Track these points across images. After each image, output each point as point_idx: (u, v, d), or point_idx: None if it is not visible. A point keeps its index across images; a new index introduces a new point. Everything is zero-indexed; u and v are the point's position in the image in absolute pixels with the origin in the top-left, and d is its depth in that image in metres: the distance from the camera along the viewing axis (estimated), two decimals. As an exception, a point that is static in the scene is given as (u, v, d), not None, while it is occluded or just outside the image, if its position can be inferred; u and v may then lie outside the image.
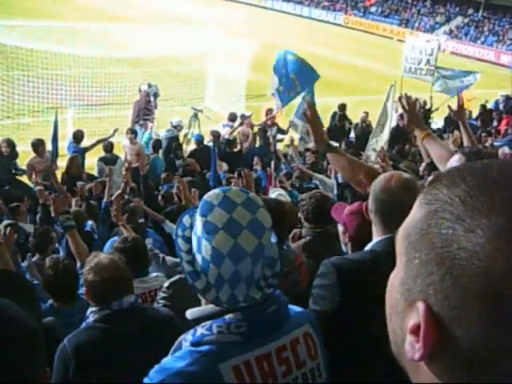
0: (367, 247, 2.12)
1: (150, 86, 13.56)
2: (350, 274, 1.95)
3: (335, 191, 4.91)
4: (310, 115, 2.86)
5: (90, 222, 6.75)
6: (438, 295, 0.66)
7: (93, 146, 10.84)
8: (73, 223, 4.29)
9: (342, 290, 1.91)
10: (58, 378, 2.51)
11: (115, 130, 10.97)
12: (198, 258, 1.49)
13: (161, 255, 4.66)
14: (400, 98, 3.51)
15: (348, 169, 2.71)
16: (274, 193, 6.11)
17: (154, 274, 4.02)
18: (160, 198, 7.88)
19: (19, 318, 1.19)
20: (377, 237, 2.10)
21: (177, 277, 3.37)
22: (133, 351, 2.51)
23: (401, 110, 12.66)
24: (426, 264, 0.68)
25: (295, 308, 1.68)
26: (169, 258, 4.67)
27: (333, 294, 1.91)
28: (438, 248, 0.66)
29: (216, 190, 1.56)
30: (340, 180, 4.67)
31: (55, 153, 9.78)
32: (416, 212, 0.73)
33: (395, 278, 0.76)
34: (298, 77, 10.78)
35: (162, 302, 3.28)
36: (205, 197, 1.54)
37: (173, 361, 1.44)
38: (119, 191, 5.90)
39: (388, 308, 0.78)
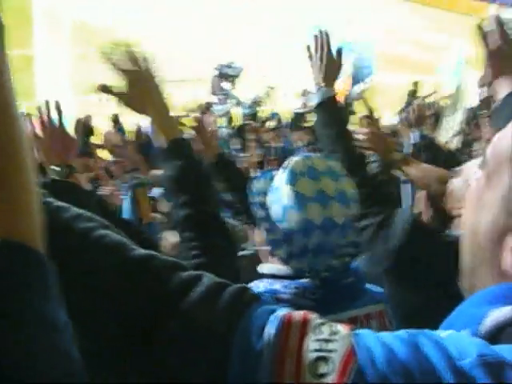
0: None
1: (229, 66, 13.56)
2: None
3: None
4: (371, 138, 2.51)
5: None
6: None
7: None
8: (142, 182, 4.40)
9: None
10: None
11: (191, 109, 11.15)
12: (283, 226, 1.45)
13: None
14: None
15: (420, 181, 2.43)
16: None
17: None
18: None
19: None
20: None
21: (240, 253, 3.36)
22: None
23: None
24: None
25: (374, 287, 1.65)
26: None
27: None
28: None
29: (297, 158, 1.52)
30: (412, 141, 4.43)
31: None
32: None
33: (491, 196, 0.77)
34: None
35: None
36: (287, 164, 1.50)
37: None
38: None
39: (472, 224, 0.80)
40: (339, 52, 2.25)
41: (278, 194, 1.48)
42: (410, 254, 1.80)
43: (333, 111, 2.14)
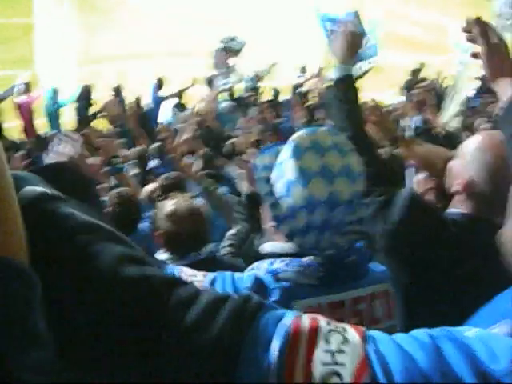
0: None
1: (233, 39, 13.49)
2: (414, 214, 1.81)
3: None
4: (375, 113, 2.61)
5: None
6: None
7: (174, 95, 11.02)
8: (122, 166, 4.40)
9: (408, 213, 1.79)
10: None
11: (194, 80, 11.05)
12: (286, 202, 1.43)
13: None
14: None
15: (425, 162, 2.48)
16: None
17: None
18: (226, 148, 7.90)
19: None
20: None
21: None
22: None
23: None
24: None
25: (379, 265, 1.64)
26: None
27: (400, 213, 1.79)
28: None
29: (304, 131, 1.49)
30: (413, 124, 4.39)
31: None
32: None
33: None
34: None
35: (228, 248, 3.27)
36: (293, 138, 1.47)
37: None
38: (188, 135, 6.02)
39: None
40: (362, 30, 2.28)
41: (283, 168, 1.45)
42: (409, 231, 1.79)
43: (349, 89, 2.10)
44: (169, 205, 2.64)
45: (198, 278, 1.45)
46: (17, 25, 15.82)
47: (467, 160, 1.81)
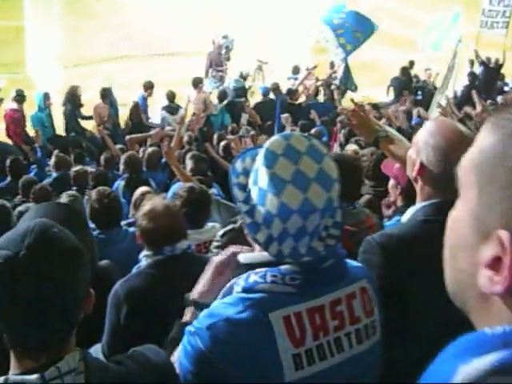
0: (408, 214, 1.94)
1: (224, 37, 13.53)
2: (395, 254, 1.84)
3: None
4: (355, 116, 2.57)
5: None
6: None
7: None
8: None
9: (387, 270, 1.80)
10: (112, 321, 2.54)
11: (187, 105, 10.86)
12: (261, 210, 1.40)
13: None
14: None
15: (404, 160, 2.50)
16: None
17: (210, 224, 4.01)
18: (221, 149, 7.90)
19: (61, 235, 1.28)
20: (422, 202, 1.91)
21: (230, 226, 3.36)
22: (183, 297, 2.48)
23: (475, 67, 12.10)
24: (506, 189, 0.64)
25: (353, 262, 1.61)
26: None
27: (378, 275, 1.77)
28: None
29: (277, 137, 1.45)
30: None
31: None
32: (486, 138, 0.69)
33: (462, 214, 0.73)
34: (359, 29, 10.77)
35: (215, 250, 3.28)
36: (266, 145, 1.43)
37: (222, 307, 1.40)
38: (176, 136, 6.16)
39: (450, 248, 0.77)
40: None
41: (257, 175, 1.43)
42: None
43: None
44: (147, 204, 2.84)
45: None
46: (9, 27, 15.75)
47: (419, 146, 1.87)
